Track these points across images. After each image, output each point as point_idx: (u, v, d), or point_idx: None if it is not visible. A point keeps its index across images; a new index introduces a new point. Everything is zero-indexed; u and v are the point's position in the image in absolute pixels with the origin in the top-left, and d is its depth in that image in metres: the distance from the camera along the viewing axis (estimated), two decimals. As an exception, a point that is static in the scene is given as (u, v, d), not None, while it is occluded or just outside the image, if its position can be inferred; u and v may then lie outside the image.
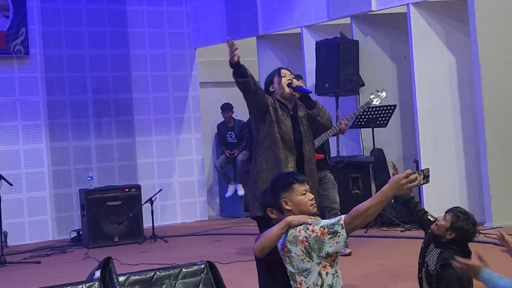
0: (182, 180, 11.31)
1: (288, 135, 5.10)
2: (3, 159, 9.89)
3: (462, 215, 4.33)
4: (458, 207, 4.46)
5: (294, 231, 3.74)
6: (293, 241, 3.73)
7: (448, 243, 4.33)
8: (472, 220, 4.35)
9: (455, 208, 4.42)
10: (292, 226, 3.80)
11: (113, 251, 8.34)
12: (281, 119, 5.13)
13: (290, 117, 5.19)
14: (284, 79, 5.23)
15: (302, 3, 9.97)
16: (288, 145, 5.09)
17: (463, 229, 4.29)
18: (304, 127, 5.18)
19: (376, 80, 9.57)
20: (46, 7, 10.29)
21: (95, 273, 3.86)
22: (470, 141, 8.84)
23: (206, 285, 4.06)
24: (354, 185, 9.14)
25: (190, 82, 11.53)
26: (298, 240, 3.71)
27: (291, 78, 5.25)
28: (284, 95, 5.20)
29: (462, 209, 4.42)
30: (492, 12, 8.31)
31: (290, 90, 5.18)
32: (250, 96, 5.16)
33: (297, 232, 3.73)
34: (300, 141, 5.15)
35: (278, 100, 5.23)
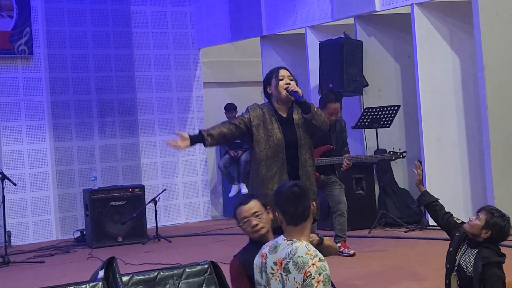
0: (186, 180, 11.32)
1: (280, 146, 5.07)
2: (7, 159, 9.90)
3: (496, 212, 4.29)
4: (490, 206, 4.46)
5: (309, 258, 3.45)
6: (300, 266, 3.45)
7: (484, 243, 4.27)
8: (506, 216, 4.32)
9: (487, 206, 4.41)
10: None
11: (117, 251, 8.34)
12: (271, 133, 5.08)
13: (286, 121, 5.14)
14: (281, 82, 5.15)
15: (306, 3, 9.96)
16: (280, 156, 5.06)
17: (499, 225, 4.24)
18: (300, 130, 5.16)
19: (380, 80, 9.57)
20: (50, 7, 10.30)
21: (98, 273, 3.87)
22: (474, 141, 8.83)
23: (209, 285, 4.07)
24: (357, 185, 9.15)
25: (194, 82, 11.53)
26: (305, 268, 3.43)
27: (289, 81, 5.18)
28: (280, 98, 5.17)
29: (494, 207, 4.40)
30: (496, 12, 8.29)
31: (286, 94, 5.13)
32: (233, 139, 5.26)
33: (311, 262, 3.44)
34: (295, 144, 5.13)
35: (269, 107, 5.18)
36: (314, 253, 3.46)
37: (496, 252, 4.28)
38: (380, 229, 8.84)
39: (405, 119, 9.60)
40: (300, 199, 3.57)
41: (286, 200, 3.59)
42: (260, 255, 3.56)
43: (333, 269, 7.02)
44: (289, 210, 3.56)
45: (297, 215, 3.57)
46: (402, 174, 9.63)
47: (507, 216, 4.32)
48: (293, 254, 3.45)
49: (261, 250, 3.59)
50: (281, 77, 5.18)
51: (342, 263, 7.07)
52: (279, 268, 3.49)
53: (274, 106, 5.20)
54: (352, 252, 7.35)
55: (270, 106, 5.19)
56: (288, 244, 3.51)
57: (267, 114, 5.14)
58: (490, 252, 4.23)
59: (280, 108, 5.20)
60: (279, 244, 3.52)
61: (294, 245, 3.49)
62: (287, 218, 3.59)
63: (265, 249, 3.57)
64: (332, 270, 6.89)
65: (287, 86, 5.13)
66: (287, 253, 3.47)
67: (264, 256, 3.52)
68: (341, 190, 7.47)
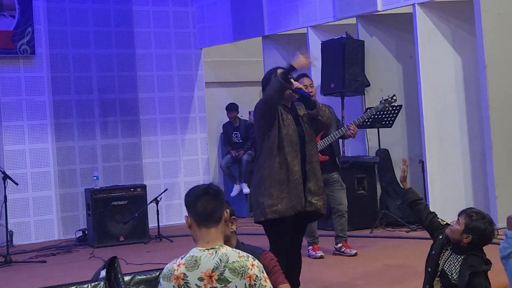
0: (188, 180, 11.31)
1: (295, 137, 5.07)
2: (9, 158, 9.91)
3: (475, 215, 4.08)
4: (471, 208, 4.22)
5: (246, 261, 3.14)
6: (240, 271, 3.10)
7: (470, 249, 4.08)
8: (487, 219, 4.10)
9: (468, 209, 4.19)
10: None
11: (119, 251, 8.34)
12: (287, 123, 5.08)
13: (293, 116, 5.15)
14: None
15: (307, 3, 9.96)
16: (294, 148, 5.05)
17: (479, 229, 4.05)
18: (306, 126, 5.17)
19: (381, 80, 9.56)
20: (52, 6, 10.30)
21: (100, 272, 3.87)
22: (476, 141, 8.83)
23: (211, 285, 4.06)
24: (359, 185, 9.14)
25: (196, 82, 11.54)
26: (247, 272, 3.10)
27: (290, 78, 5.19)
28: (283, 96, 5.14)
29: (476, 209, 4.18)
30: (498, 12, 8.29)
31: (289, 92, 5.12)
32: (276, 105, 5.10)
33: (249, 264, 3.13)
34: (303, 140, 5.13)
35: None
36: (245, 254, 3.17)
37: (482, 260, 4.10)
38: (381, 229, 8.84)
39: (407, 119, 9.59)
40: (214, 198, 3.25)
41: (198, 197, 3.23)
42: (175, 278, 3.08)
43: (335, 269, 7.03)
44: (200, 208, 3.20)
45: (209, 214, 3.20)
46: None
47: (488, 218, 4.11)
48: (226, 262, 3.09)
49: (171, 273, 3.10)
50: None
51: (344, 263, 7.07)
52: (209, 282, 3.07)
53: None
54: (354, 252, 7.35)
55: None
56: (211, 253, 3.11)
57: (280, 108, 5.13)
58: (477, 260, 4.06)
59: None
60: (199, 257, 3.10)
61: (220, 252, 3.12)
62: (198, 218, 3.20)
63: (179, 269, 3.09)
64: (334, 270, 6.90)
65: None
66: (217, 263, 3.08)
67: (182, 276, 3.07)
68: (342, 191, 7.45)
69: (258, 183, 5.14)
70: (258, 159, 5.20)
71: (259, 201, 5.10)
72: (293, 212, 5.03)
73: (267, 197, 5.03)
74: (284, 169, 5.01)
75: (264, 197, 5.05)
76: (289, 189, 5.00)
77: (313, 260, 7.27)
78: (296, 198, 5.02)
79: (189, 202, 3.29)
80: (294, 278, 5.28)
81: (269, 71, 5.34)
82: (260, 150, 5.19)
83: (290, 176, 5.01)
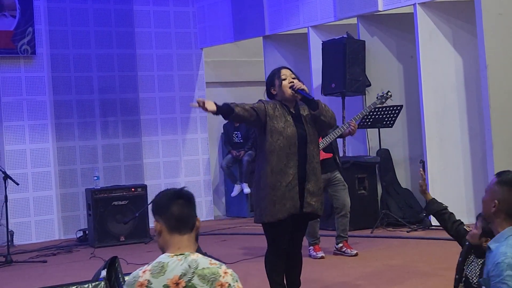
0: (188, 180, 11.31)
1: (293, 138, 5.06)
2: (10, 158, 9.91)
3: None
4: None
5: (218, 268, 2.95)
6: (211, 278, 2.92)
7: None
8: None
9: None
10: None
11: (119, 251, 8.34)
12: (286, 125, 5.07)
13: (293, 117, 5.13)
14: (285, 82, 5.13)
15: (308, 3, 9.96)
16: (292, 149, 5.04)
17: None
18: (308, 126, 5.16)
19: (382, 80, 9.56)
20: (53, 7, 10.30)
21: (101, 272, 3.87)
22: (477, 141, 8.82)
23: (212, 284, 4.05)
24: (360, 185, 9.14)
25: (196, 82, 11.54)
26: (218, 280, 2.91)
27: (292, 79, 5.16)
28: (285, 97, 5.14)
29: None
30: (499, 12, 8.28)
31: (291, 93, 5.11)
32: (248, 122, 5.16)
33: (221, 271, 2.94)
34: (304, 140, 5.12)
35: (280, 102, 5.16)
36: (218, 262, 3.00)
37: None
38: (382, 229, 8.83)
39: (408, 119, 9.59)
40: (189, 202, 3.03)
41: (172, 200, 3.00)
42: (139, 285, 2.89)
43: (335, 269, 7.02)
44: (175, 212, 2.98)
45: (184, 219, 2.99)
46: (404, 174, 9.63)
47: None
48: (195, 268, 2.91)
49: (136, 280, 2.92)
50: (283, 76, 5.17)
51: (344, 263, 7.07)
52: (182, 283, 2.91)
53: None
54: (355, 252, 7.35)
55: (278, 103, 5.17)
56: (179, 259, 2.94)
57: (279, 108, 5.13)
58: None
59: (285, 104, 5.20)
60: (166, 263, 2.94)
61: (190, 259, 2.94)
62: (172, 223, 2.99)
63: (144, 275, 2.92)
64: (335, 270, 6.90)
65: (291, 85, 5.11)
66: (185, 269, 2.91)
67: (146, 283, 2.89)
68: (345, 191, 7.45)
69: (255, 186, 5.19)
70: (257, 161, 5.23)
71: (256, 204, 5.16)
72: (287, 214, 5.03)
73: (261, 200, 5.07)
74: (276, 173, 5.01)
75: (259, 200, 5.09)
76: (282, 192, 5.00)
77: (314, 260, 7.26)
78: (289, 201, 5.02)
79: (160, 206, 3.02)
80: (294, 277, 5.28)
81: (273, 72, 5.31)
82: (258, 151, 5.22)
83: (283, 179, 5.01)
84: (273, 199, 4.99)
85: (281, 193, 4.99)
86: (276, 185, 4.99)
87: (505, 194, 3.15)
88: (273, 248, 5.14)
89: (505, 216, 3.12)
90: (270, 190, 5.00)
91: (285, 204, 5.00)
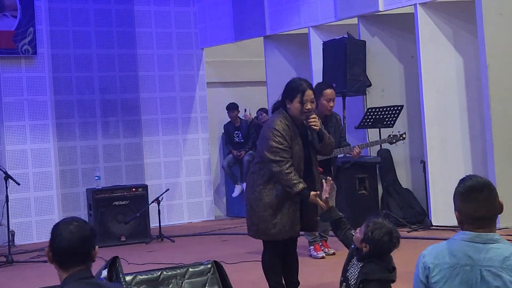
0: (189, 180, 11.32)
1: (301, 160, 5.03)
2: (11, 158, 9.92)
3: (373, 225, 3.94)
4: (376, 217, 4.07)
5: None
6: None
7: (370, 257, 3.96)
8: (387, 230, 3.96)
9: (373, 218, 4.04)
10: None
11: (120, 251, 8.34)
12: (295, 150, 5.00)
13: (302, 138, 5.09)
14: (303, 107, 5.02)
15: (309, 3, 9.96)
16: (300, 170, 5.01)
17: (374, 240, 3.90)
18: (312, 146, 5.21)
19: (383, 80, 9.57)
20: (54, 7, 10.31)
21: (102, 272, 3.88)
22: (477, 141, 8.82)
23: (212, 284, 4.07)
24: (360, 185, 9.14)
25: (197, 82, 11.54)
26: None
27: (310, 107, 5.04)
28: (297, 118, 5.07)
29: (379, 219, 4.03)
30: (499, 12, 8.29)
31: (304, 122, 5.08)
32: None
33: None
34: (309, 159, 5.15)
35: (290, 119, 5.05)
36: None
37: (381, 268, 3.98)
38: (383, 229, 8.81)
39: (409, 119, 9.59)
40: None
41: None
42: None
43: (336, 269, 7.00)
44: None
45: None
46: (405, 174, 9.63)
47: (389, 229, 3.98)
48: None
49: None
50: (305, 100, 5.04)
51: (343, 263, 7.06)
52: None
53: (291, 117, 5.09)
54: (332, 252, 7.39)
55: (289, 117, 5.07)
56: None
57: (291, 127, 5.04)
58: (373, 268, 3.94)
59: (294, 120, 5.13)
60: None
61: None
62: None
63: None
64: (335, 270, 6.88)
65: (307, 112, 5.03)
66: None
67: None
68: (332, 194, 7.46)
69: (252, 205, 5.11)
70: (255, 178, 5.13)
71: (252, 220, 5.12)
72: (286, 236, 5.07)
73: (260, 220, 5.05)
74: (280, 197, 5.01)
75: (257, 219, 5.06)
76: (285, 215, 5.01)
77: (314, 260, 7.26)
78: (290, 225, 5.05)
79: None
80: (292, 276, 5.30)
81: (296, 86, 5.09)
82: (258, 168, 5.12)
83: (287, 203, 5.01)
84: (274, 220, 5.00)
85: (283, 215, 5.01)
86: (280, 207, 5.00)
87: (460, 205, 2.99)
88: (270, 249, 5.17)
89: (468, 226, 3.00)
90: (272, 211, 5.00)
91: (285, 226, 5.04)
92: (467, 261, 2.87)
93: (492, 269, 2.84)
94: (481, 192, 2.92)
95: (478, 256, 2.87)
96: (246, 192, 5.26)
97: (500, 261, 2.84)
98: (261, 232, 5.07)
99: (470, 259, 2.87)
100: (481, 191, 2.92)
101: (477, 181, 2.96)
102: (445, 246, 2.95)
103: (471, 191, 2.94)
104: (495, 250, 2.87)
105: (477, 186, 2.94)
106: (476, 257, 2.87)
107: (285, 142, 4.93)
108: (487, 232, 2.92)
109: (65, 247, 2.85)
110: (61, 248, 2.86)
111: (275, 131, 4.95)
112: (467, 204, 2.95)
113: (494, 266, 2.84)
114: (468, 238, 2.92)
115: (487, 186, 2.94)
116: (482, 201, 2.92)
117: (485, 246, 2.88)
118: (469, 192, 2.94)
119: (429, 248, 3.00)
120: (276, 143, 4.93)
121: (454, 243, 2.94)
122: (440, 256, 2.92)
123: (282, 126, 4.98)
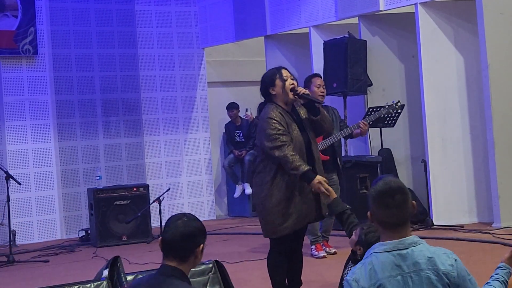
0: (190, 179, 11.33)
1: (301, 144, 4.98)
2: (12, 158, 9.93)
3: (368, 228, 3.92)
4: None
5: None
6: None
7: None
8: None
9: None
10: None
11: (121, 250, 8.35)
12: (293, 134, 4.95)
13: (297, 123, 5.04)
14: (287, 83, 5.01)
15: (310, 3, 9.97)
16: (301, 156, 4.93)
17: (368, 242, 3.85)
18: (309, 128, 5.13)
19: (384, 80, 9.57)
20: (55, 6, 10.32)
21: (103, 272, 3.88)
22: (478, 141, 8.83)
23: (213, 284, 4.07)
24: (362, 184, 9.13)
25: (198, 81, 11.54)
26: None
27: (293, 82, 5.05)
28: (286, 99, 5.03)
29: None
30: (500, 12, 8.29)
31: (294, 97, 5.03)
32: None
33: None
34: (308, 144, 5.09)
35: (281, 108, 5.03)
36: None
37: None
38: (384, 228, 8.82)
39: (410, 119, 9.60)
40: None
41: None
42: None
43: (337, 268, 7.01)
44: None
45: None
46: (406, 173, 9.63)
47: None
48: None
49: None
50: (285, 77, 5.06)
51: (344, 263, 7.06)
52: None
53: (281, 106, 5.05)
54: (333, 251, 7.39)
55: (279, 107, 5.04)
56: None
57: (284, 114, 5.00)
58: None
59: (285, 108, 5.09)
60: None
61: None
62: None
63: None
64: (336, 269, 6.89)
65: (293, 87, 5.04)
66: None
67: None
68: (338, 194, 7.44)
69: (263, 202, 5.01)
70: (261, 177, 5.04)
71: (266, 219, 5.01)
72: (304, 223, 5.02)
73: (275, 216, 4.94)
74: (291, 187, 4.93)
75: (272, 215, 4.95)
76: (299, 201, 4.95)
77: (316, 259, 7.27)
78: (306, 209, 4.98)
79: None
80: (295, 276, 5.28)
81: (272, 72, 5.17)
82: (263, 166, 5.03)
83: (296, 191, 4.93)
84: (289, 211, 4.92)
85: (297, 202, 4.93)
86: (293, 196, 4.93)
87: (372, 208, 2.89)
88: (277, 249, 5.13)
89: (381, 229, 2.90)
90: (286, 202, 4.92)
91: (302, 213, 4.96)
92: (397, 270, 2.80)
93: (420, 272, 2.79)
94: (392, 198, 2.84)
95: (405, 262, 2.81)
96: (254, 193, 5.17)
97: (425, 262, 2.80)
98: (278, 227, 4.94)
99: (399, 268, 2.81)
100: (392, 197, 2.84)
101: (390, 186, 2.87)
102: (372, 263, 2.85)
103: (383, 197, 2.85)
104: (418, 253, 2.82)
105: (388, 192, 2.85)
106: (403, 264, 2.81)
107: (282, 128, 4.90)
108: (403, 236, 2.86)
109: (167, 239, 3.04)
110: (164, 239, 3.06)
111: (269, 119, 4.93)
112: (379, 210, 2.86)
113: (422, 269, 2.79)
114: (391, 248, 2.84)
115: (399, 191, 2.86)
116: (393, 207, 2.83)
117: (409, 251, 2.83)
118: (381, 197, 2.85)
119: (357, 272, 2.87)
120: (272, 130, 4.89)
121: (378, 257, 2.85)
122: (372, 275, 2.82)
123: (276, 113, 4.96)
